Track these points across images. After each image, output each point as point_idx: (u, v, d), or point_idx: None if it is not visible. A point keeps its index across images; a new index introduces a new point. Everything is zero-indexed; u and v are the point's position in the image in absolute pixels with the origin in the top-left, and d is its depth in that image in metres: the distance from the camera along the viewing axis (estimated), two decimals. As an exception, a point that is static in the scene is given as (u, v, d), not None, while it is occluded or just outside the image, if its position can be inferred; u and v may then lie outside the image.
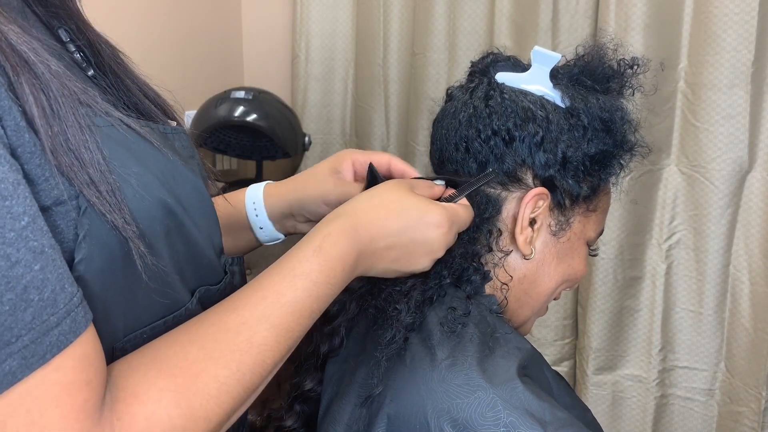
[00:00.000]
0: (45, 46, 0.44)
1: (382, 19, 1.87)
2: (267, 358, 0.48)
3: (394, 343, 0.60)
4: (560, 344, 1.72)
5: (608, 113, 0.66)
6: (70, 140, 0.41)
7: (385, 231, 0.58)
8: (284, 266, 0.52)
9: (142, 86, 0.59)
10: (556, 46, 1.59)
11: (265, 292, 0.50)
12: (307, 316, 0.51)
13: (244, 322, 0.47)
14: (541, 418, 0.53)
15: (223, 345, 0.46)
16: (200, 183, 0.54)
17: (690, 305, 1.55)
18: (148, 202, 0.46)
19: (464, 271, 0.66)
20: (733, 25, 1.39)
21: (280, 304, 0.49)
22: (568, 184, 0.66)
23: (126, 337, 0.46)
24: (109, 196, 0.42)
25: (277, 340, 0.48)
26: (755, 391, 1.46)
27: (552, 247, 0.68)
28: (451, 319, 0.61)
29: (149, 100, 0.59)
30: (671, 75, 1.47)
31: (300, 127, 1.77)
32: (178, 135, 0.56)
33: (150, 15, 1.65)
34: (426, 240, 0.60)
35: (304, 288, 0.51)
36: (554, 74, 0.68)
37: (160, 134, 0.53)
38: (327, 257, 0.53)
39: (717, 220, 1.48)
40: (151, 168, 0.47)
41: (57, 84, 0.41)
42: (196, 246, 0.53)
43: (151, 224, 0.46)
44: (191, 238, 0.52)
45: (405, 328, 0.61)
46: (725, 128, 1.43)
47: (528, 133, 0.65)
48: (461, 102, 0.69)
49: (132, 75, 0.58)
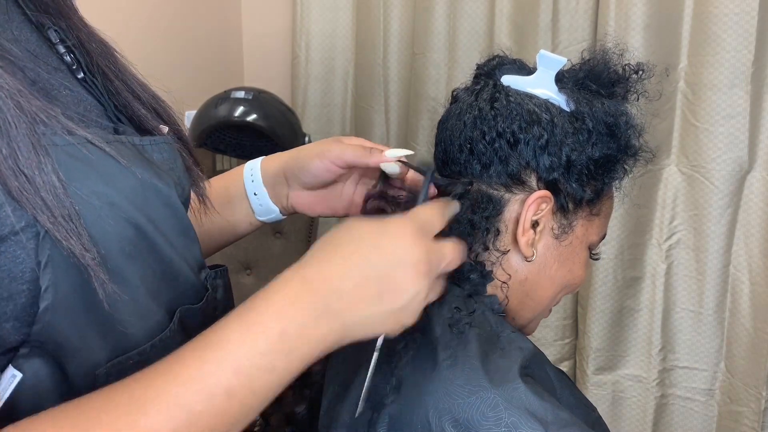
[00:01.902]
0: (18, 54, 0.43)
1: (382, 19, 1.87)
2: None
3: (410, 349, 0.60)
4: (560, 344, 1.72)
5: (613, 118, 0.66)
6: (22, 162, 0.39)
7: (345, 268, 0.48)
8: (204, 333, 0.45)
9: (134, 88, 0.56)
10: (556, 46, 1.59)
11: (170, 364, 0.42)
12: (223, 395, 0.42)
13: (135, 400, 0.40)
14: (543, 418, 0.53)
15: (100, 428, 0.39)
16: (174, 198, 0.50)
17: (690, 305, 1.55)
18: (113, 223, 0.44)
19: (461, 267, 0.67)
20: (733, 25, 1.39)
21: (182, 379, 0.41)
22: (572, 187, 0.67)
23: (110, 362, 0.44)
24: (65, 221, 0.40)
25: (176, 425, 0.40)
26: (755, 391, 1.46)
27: (554, 250, 0.68)
28: (458, 319, 0.61)
29: (142, 102, 0.56)
30: (671, 75, 1.48)
31: (300, 127, 1.77)
32: (158, 146, 0.53)
33: (150, 15, 1.65)
34: (397, 254, 0.50)
35: (216, 359, 0.42)
36: (559, 78, 0.68)
37: (132, 148, 0.49)
38: (255, 319, 0.45)
39: (717, 220, 1.48)
40: (117, 186, 0.45)
41: (11, 103, 0.40)
42: (172, 264, 0.49)
43: (118, 245, 0.44)
44: (165, 256, 0.48)
45: (411, 331, 0.61)
46: (725, 128, 1.43)
47: (533, 136, 0.65)
48: (466, 104, 0.69)
49: (124, 76, 0.56)
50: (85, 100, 0.51)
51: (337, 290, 0.47)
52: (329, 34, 1.99)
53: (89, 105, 0.52)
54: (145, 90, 0.58)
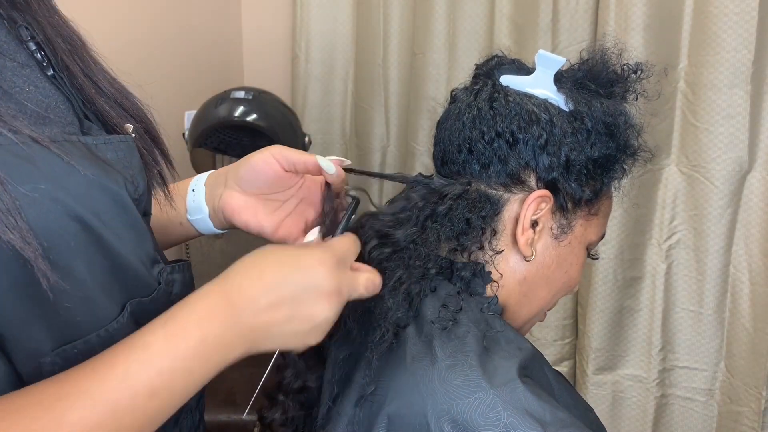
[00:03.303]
0: None
1: (382, 19, 1.87)
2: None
3: (383, 342, 0.61)
4: (560, 344, 1.72)
5: (612, 117, 0.66)
6: None
7: (263, 287, 0.52)
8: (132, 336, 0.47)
9: (99, 84, 0.57)
10: (556, 46, 1.60)
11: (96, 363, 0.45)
12: (146, 394, 0.45)
13: (62, 397, 0.42)
14: (542, 418, 0.54)
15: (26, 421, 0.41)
16: (123, 195, 0.52)
17: (690, 305, 1.55)
18: (56, 218, 0.45)
19: (452, 264, 0.67)
20: (733, 25, 1.39)
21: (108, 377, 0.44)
22: (571, 187, 0.67)
23: (55, 351, 0.46)
24: (3, 215, 0.41)
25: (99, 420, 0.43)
26: (755, 391, 1.46)
27: (552, 250, 0.69)
28: (443, 316, 0.62)
29: (107, 97, 0.57)
30: (671, 75, 1.48)
31: (300, 127, 1.77)
32: (113, 145, 0.54)
33: (150, 15, 1.65)
34: (312, 282, 0.53)
35: (140, 361, 0.45)
36: (558, 78, 0.68)
37: (82, 147, 0.51)
38: (178, 324, 0.48)
39: (717, 220, 1.48)
40: (61, 183, 0.46)
41: None
42: (120, 258, 0.51)
43: (61, 239, 0.46)
44: (113, 250, 0.50)
45: (393, 324, 0.62)
46: (725, 128, 1.43)
47: (532, 136, 0.65)
48: (465, 104, 0.69)
49: (91, 71, 0.57)
50: (51, 97, 0.52)
51: (253, 307, 0.51)
52: (329, 34, 1.99)
53: (55, 102, 0.53)
54: (113, 85, 0.59)
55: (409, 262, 0.64)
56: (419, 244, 0.64)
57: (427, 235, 0.65)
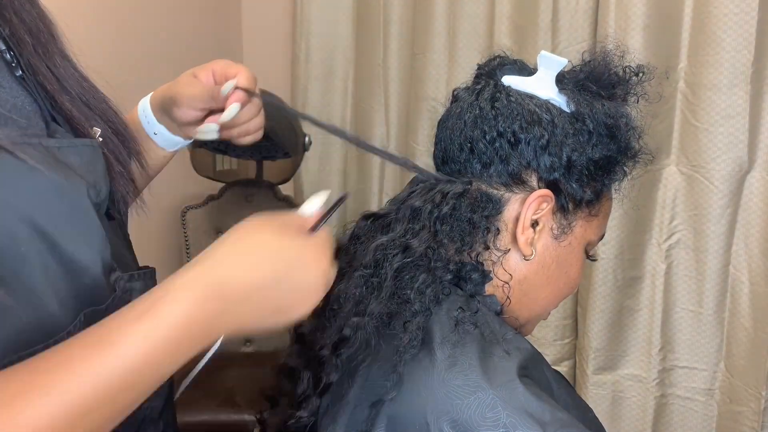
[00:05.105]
0: None
1: (382, 20, 1.87)
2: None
3: (413, 346, 0.60)
4: (560, 344, 1.72)
5: (613, 119, 0.66)
6: None
7: (258, 282, 0.50)
8: (96, 331, 0.45)
9: (65, 82, 0.56)
10: (556, 46, 1.60)
11: (60, 357, 0.43)
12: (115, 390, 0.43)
13: (21, 392, 0.40)
14: (541, 418, 0.54)
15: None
16: (83, 200, 0.51)
17: (690, 305, 1.56)
18: (6, 223, 0.45)
19: (462, 267, 0.67)
20: (733, 25, 1.39)
21: (71, 373, 0.42)
22: (572, 188, 0.67)
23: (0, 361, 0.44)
24: None
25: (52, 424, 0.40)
26: (755, 390, 1.47)
27: (552, 250, 0.69)
28: (463, 319, 0.62)
29: (71, 97, 0.57)
30: (671, 75, 1.48)
31: (300, 127, 1.77)
32: (76, 149, 0.53)
33: (150, 15, 1.65)
34: (309, 282, 0.52)
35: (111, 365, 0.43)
36: (560, 79, 0.68)
37: (44, 150, 0.50)
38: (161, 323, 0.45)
39: (717, 220, 1.48)
40: (15, 187, 0.46)
41: None
42: (73, 264, 0.50)
43: (11, 245, 0.45)
44: (67, 256, 0.49)
45: (419, 328, 0.61)
46: (725, 128, 1.43)
47: (533, 136, 0.65)
48: (467, 103, 0.69)
49: (58, 70, 0.56)
50: (18, 98, 0.52)
51: (245, 299, 0.49)
52: (329, 34, 1.99)
53: (22, 103, 0.52)
54: (80, 84, 0.58)
55: (429, 265, 0.64)
56: (435, 248, 0.64)
57: (440, 238, 0.65)
